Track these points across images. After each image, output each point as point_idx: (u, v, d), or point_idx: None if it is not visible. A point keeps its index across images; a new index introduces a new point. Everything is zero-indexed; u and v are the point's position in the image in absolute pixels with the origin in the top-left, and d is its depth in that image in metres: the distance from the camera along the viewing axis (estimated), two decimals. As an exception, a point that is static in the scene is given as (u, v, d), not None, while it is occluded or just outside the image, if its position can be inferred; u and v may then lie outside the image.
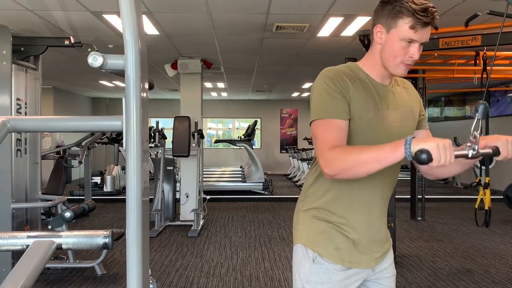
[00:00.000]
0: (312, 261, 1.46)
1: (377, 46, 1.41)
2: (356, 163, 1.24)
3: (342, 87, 1.36)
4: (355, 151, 1.26)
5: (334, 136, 1.31)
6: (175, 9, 4.59)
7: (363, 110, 1.38)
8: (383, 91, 1.44)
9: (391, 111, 1.43)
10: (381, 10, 1.37)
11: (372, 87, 1.42)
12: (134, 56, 0.81)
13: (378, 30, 1.38)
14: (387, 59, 1.38)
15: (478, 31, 4.11)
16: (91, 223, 6.67)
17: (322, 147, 1.31)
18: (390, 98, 1.45)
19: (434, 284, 3.97)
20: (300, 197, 1.59)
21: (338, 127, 1.33)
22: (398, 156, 1.17)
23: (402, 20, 1.31)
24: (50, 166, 6.12)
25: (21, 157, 3.78)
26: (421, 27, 1.30)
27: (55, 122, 0.97)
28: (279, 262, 4.64)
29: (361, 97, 1.38)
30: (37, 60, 3.99)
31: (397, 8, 1.31)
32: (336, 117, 1.34)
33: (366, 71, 1.44)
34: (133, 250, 0.82)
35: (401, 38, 1.32)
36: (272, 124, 14.98)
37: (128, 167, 0.82)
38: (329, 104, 1.35)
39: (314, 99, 1.40)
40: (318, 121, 1.36)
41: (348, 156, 1.25)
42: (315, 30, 5.40)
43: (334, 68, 1.43)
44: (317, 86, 1.41)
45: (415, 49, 1.34)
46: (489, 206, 4.06)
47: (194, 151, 6.47)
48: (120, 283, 3.99)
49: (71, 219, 3.96)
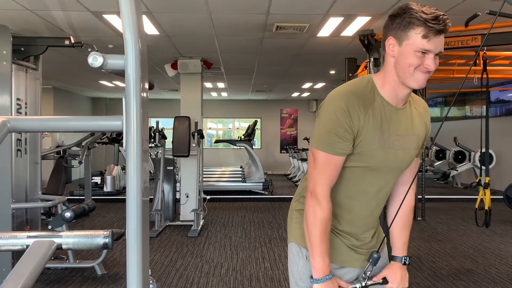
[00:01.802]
0: (306, 259, 1.50)
1: (390, 60, 1.36)
2: (307, 234, 1.42)
3: (352, 123, 1.35)
4: (314, 234, 1.40)
5: (330, 173, 1.40)
6: (175, 9, 4.59)
7: (368, 141, 1.37)
8: (395, 116, 1.41)
9: (398, 137, 1.42)
10: (390, 24, 1.34)
11: (384, 112, 1.39)
12: (134, 56, 0.81)
13: (391, 43, 1.34)
14: (403, 70, 1.32)
15: (478, 31, 4.12)
16: (91, 223, 6.67)
17: (316, 182, 1.41)
18: (402, 121, 1.42)
19: (434, 284, 3.97)
20: (294, 196, 1.63)
21: (335, 164, 1.40)
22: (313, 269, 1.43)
23: (414, 30, 1.27)
24: (50, 166, 6.12)
25: (21, 157, 3.78)
26: (434, 36, 1.27)
27: (55, 122, 0.97)
28: (279, 262, 4.65)
29: (370, 129, 1.37)
30: (37, 60, 3.99)
31: (406, 19, 1.28)
32: (337, 154, 1.38)
33: (381, 91, 1.39)
34: (133, 250, 0.82)
35: (415, 49, 1.28)
36: (272, 124, 14.99)
37: (128, 167, 0.82)
38: (334, 141, 1.36)
39: (321, 125, 1.39)
40: (318, 151, 1.40)
41: (310, 229, 1.41)
42: (315, 30, 5.40)
43: (349, 94, 1.38)
44: (326, 111, 1.38)
45: (430, 60, 1.29)
46: (489, 206, 4.06)
47: (194, 151, 6.47)
48: (120, 283, 3.99)
49: (71, 219, 3.96)
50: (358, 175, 1.44)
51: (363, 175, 1.43)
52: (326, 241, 1.40)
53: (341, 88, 1.42)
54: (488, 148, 4.07)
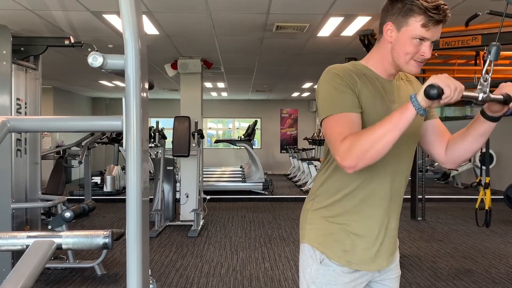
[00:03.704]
0: (320, 263, 1.44)
1: (386, 45, 1.38)
2: (373, 141, 1.21)
3: (350, 82, 1.34)
4: (367, 132, 1.23)
5: (347, 130, 1.26)
6: (175, 9, 4.59)
7: (372, 104, 1.36)
8: (388, 86, 1.43)
9: (397, 105, 1.39)
10: (390, 8, 1.34)
11: (377, 82, 1.41)
12: (134, 56, 0.81)
13: (389, 28, 1.35)
14: (398, 57, 1.35)
15: (478, 31, 4.12)
16: (91, 223, 6.67)
17: (335, 142, 1.26)
18: (396, 92, 1.44)
19: (434, 284, 3.97)
20: (309, 196, 1.55)
21: (351, 121, 1.29)
22: (410, 114, 1.18)
23: (414, 18, 1.29)
24: (50, 166, 6.12)
25: (21, 157, 3.78)
26: (433, 25, 1.29)
27: (55, 122, 0.97)
28: (279, 262, 4.64)
29: (369, 92, 1.37)
30: (37, 60, 3.99)
31: (407, 6, 1.29)
32: (348, 110, 1.30)
33: (371, 67, 1.43)
34: (133, 250, 0.82)
35: (413, 36, 1.30)
36: (272, 124, 14.99)
37: (128, 167, 0.82)
38: (339, 99, 1.32)
39: (321, 96, 1.37)
40: (329, 118, 1.31)
41: (362, 138, 1.22)
42: (315, 30, 5.40)
43: (339, 65, 1.41)
44: (323, 83, 1.38)
45: (426, 47, 1.32)
46: (490, 206, 4.06)
47: (194, 151, 6.47)
48: (120, 283, 3.99)
49: (71, 219, 3.96)
50: None
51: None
52: (372, 126, 1.24)
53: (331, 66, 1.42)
54: (488, 148, 4.08)
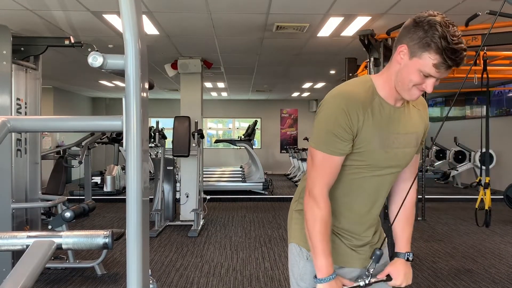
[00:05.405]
0: (306, 259, 1.50)
1: (395, 66, 1.35)
2: (308, 234, 1.42)
3: (351, 123, 1.34)
4: (314, 233, 1.39)
5: (328, 172, 1.40)
6: (175, 9, 4.59)
7: (368, 140, 1.37)
8: (394, 114, 1.41)
9: (398, 135, 1.42)
10: (412, 31, 1.28)
11: (384, 111, 1.39)
12: (134, 56, 0.81)
13: (402, 50, 1.31)
14: (402, 82, 1.33)
15: (478, 31, 4.11)
16: (91, 223, 6.67)
17: (314, 181, 1.41)
18: (402, 120, 1.42)
19: (434, 284, 3.97)
20: (294, 197, 1.63)
21: (334, 164, 1.39)
22: (316, 269, 1.41)
23: (429, 54, 1.24)
24: (50, 166, 6.13)
25: (21, 157, 3.78)
26: (444, 69, 1.25)
27: (55, 122, 0.97)
28: (279, 262, 4.64)
29: (369, 128, 1.36)
30: (37, 60, 3.99)
31: (427, 39, 1.23)
32: (336, 154, 1.38)
33: (380, 91, 1.40)
34: (133, 250, 0.82)
35: (421, 70, 1.27)
36: (272, 124, 14.99)
37: (128, 167, 0.82)
38: (333, 141, 1.36)
39: (319, 126, 1.39)
40: (317, 151, 1.39)
41: (311, 229, 1.40)
42: (315, 30, 5.40)
43: (348, 94, 1.38)
44: (326, 112, 1.38)
45: (431, 83, 1.29)
46: (489, 206, 4.05)
47: (194, 151, 6.47)
48: (120, 283, 3.99)
49: (71, 219, 3.96)
50: (358, 173, 1.43)
51: (362, 173, 1.43)
52: (327, 240, 1.39)
53: (340, 88, 1.42)
54: (488, 148, 4.07)
